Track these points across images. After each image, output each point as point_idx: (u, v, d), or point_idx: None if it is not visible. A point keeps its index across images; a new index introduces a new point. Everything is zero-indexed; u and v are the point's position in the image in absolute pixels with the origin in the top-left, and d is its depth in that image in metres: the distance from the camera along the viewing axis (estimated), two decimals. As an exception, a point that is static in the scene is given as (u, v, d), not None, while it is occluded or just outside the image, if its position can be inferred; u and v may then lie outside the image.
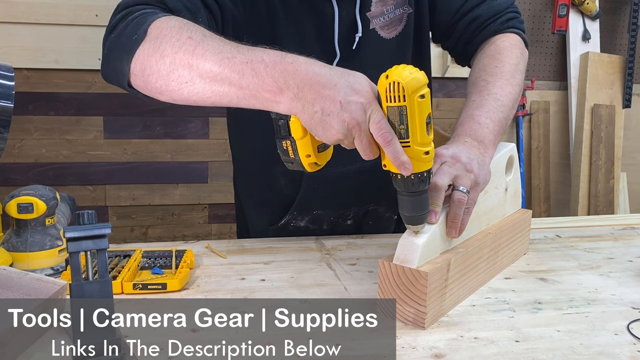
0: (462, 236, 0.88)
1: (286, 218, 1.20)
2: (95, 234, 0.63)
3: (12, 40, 2.53)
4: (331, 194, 1.18)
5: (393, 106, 0.72)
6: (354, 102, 0.73)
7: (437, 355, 0.70)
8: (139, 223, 2.80)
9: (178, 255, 0.96)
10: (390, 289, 0.79)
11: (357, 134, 0.74)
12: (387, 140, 0.73)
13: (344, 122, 0.73)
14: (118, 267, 0.90)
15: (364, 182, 1.17)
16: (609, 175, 3.07)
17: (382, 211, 1.25)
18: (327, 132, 0.75)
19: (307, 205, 1.19)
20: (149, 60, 0.82)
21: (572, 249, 1.11)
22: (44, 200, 0.89)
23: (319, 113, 0.74)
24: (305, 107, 0.74)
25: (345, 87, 0.73)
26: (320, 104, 0.74)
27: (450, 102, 3.08)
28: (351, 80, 0.74)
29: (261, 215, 1.25)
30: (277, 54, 0.77)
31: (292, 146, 0.81)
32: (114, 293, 0.82)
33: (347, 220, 1.23)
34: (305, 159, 0.81)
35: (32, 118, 2.64)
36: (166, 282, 0.86)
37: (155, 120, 2.75)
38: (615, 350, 0.72)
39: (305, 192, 1.17)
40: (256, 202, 1.28)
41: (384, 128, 0.73)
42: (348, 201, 1.20)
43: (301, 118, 0.76)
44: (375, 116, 0.73)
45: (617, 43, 3.18)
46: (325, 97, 0.73)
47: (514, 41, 1.10)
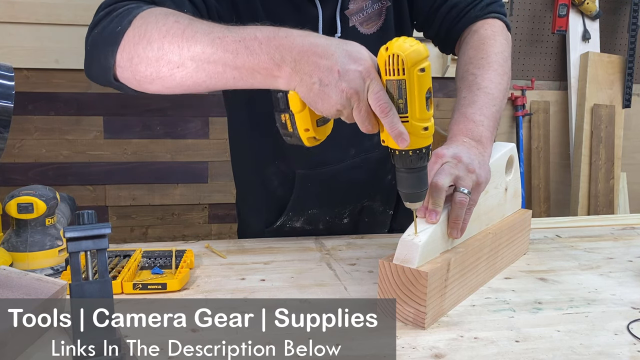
0: (462, 236, 0.88)
1: (281, 219, 1.20)
2: (95, 234, 0.63)
3: (12, 40, 2.53)
4: (324, 193, 1.17)
5: (392, 79, 0.71)
6: (352, 70, 0.71)
7: (437, 355, 0.70)
8: (139, 223, 2.80)
9: (178, 255, 0.96)
10: (390, 289, 0.79)
11: (355, 104, 0.72)
12: (385, 111, 0.71)
13: (343, 91, 0.71)
14: (118, 267, 0.91)
15: (356, 179, 1.17)
16: (609, 175, 3.07)
17: (377, 206, 1.25)
18: (325, 104, 0.73)
19: (302, 206, 1.18)
20: (136, 48, 0.79)
21: (572, 249, 1.11)
22: (44, 200, 0.89)
23: (317, 84, 0.72)
24: (303, 79, 0.72)
25: (343, 56, 0.72)
26: (318, 75, 0.71)
27: (450, 102, 3.08)
28: (349, 49, 0.73)
29: (257, 217, 1.25)
30: (270, 30, 0.75)
31: (290, 120, 0.79)
32: (114, 293, 0.82)
33: (344, 219, 1.23)
34: (303, 133, 0.79)
35: (32, 118, 2.64)
36: (166, 282, 0.86)
37: (155, 120, 2.75)
38: (615, 350, 0.72)
39: (299, 192, 1.17)
40: (251, 203, 1.28)
41: (382, 99, 0.71)
42: (342, 199, 1.20)
43: (300, 92, 0.74)
44: (374, 86, 0.71)
45: (617, 43, 3.18)
46: (322, 67, 0.71)
47: (496, 28, 1.08)
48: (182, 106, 2.74)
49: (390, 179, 1.23)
